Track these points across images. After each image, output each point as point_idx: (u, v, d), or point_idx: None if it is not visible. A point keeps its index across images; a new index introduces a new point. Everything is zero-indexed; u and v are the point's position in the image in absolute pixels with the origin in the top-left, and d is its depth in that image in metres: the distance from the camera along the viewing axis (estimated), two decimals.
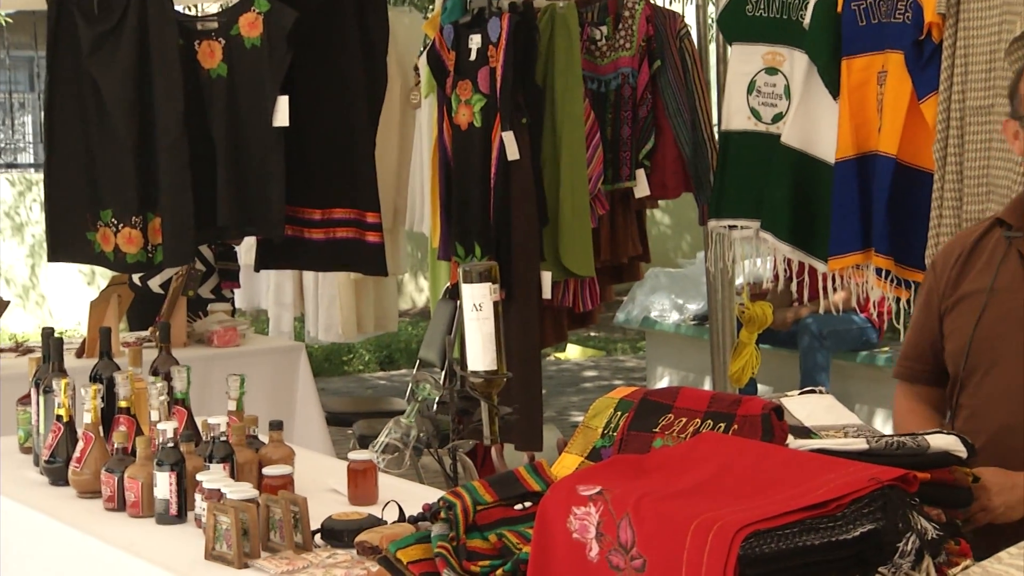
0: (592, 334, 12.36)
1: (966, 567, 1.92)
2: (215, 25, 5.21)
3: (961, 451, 2.25)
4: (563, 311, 5.79)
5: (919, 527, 1.94)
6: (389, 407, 6.63)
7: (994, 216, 3.09)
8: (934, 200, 4.57)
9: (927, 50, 4.61)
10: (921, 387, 3.16)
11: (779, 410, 2.37)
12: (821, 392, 2.89)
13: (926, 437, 2.27)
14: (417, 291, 13.76)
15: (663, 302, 8.87)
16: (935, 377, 3.11)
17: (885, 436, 2.34)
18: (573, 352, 12.11)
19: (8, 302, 6.05)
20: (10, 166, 14.44)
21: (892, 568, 1.90)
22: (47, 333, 4.05)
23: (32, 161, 14.89)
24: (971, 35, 4.48)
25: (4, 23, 12.89)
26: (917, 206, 4.65)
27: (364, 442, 5.45)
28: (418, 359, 6.39)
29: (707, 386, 6.89)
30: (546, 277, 5.52)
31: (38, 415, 3.91)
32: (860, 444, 2.26)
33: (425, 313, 11.54)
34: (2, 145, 14.73)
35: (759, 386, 7.00)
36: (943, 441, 2.26)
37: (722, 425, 2.35)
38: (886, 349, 7.48)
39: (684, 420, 2.39)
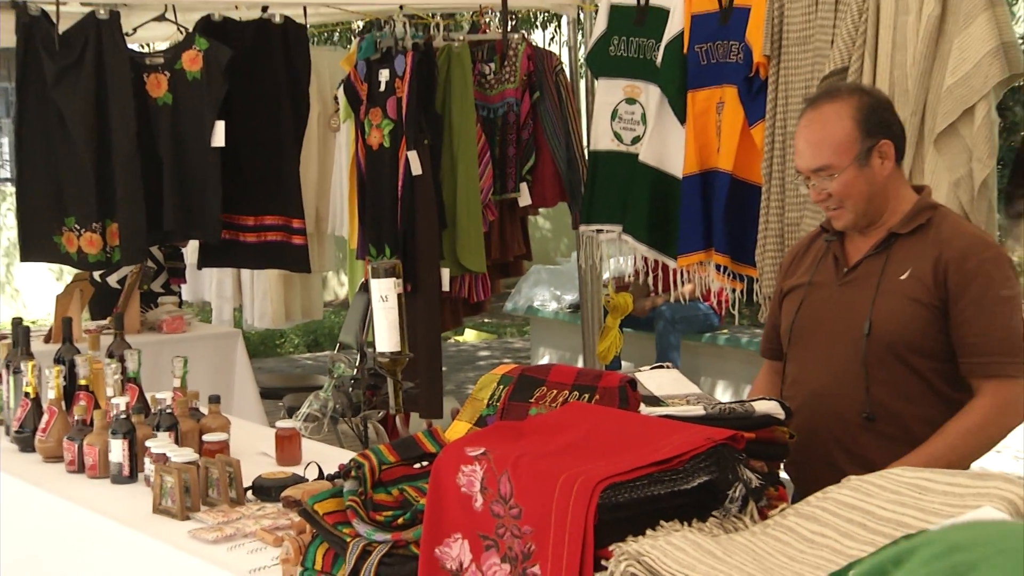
0: (486, 320, 12.36)
1: (782, 509, 1.95)
2: (161, 60, 5.16)
3: (780, 414, 2.28)
4: (459, 301, 5.79)
5: (745, 477, 1.96)
6: (315, 383, 6.57)
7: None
8: (762, 208, 4.64)
9: (755, 85, 4.67)
10: (775, 362, 3.19)
11: (633, 382, 2.39)
12: (668, 367, 2.92)
13: (752, 403, 2.30)
14: (339, 285, 13.68)
15: (544, 293, 8.90)
16: (772, 352, 3.18)
17: (719, 403, 2.36)
18: (470, 336, 12.12)
19: None
20: None
21: (723, 512, 1.92)
22: (16, 322, 4.02)
23: (8, 176, 14.61)
24: (790, 73, 4.55)
25: None
26: (749, 213, 4.72)
27: (293, 413, 5.42)
28: (339, 342, 6.35)
29: (580, 364, 6.93)
30: (445, 273, 5.53)
31: (8, 392, 3.88)
32: (698, 410, 2.28)
33: (346, 304, 11.49)
34: None
35: (623, 363, 7.05)
36: (766, 406, 2.29)
37: (586, 396, 2.36)
38: (725, 331, 7.57)
39: (555, 392, 2.40)
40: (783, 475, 2.52)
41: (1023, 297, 2.92)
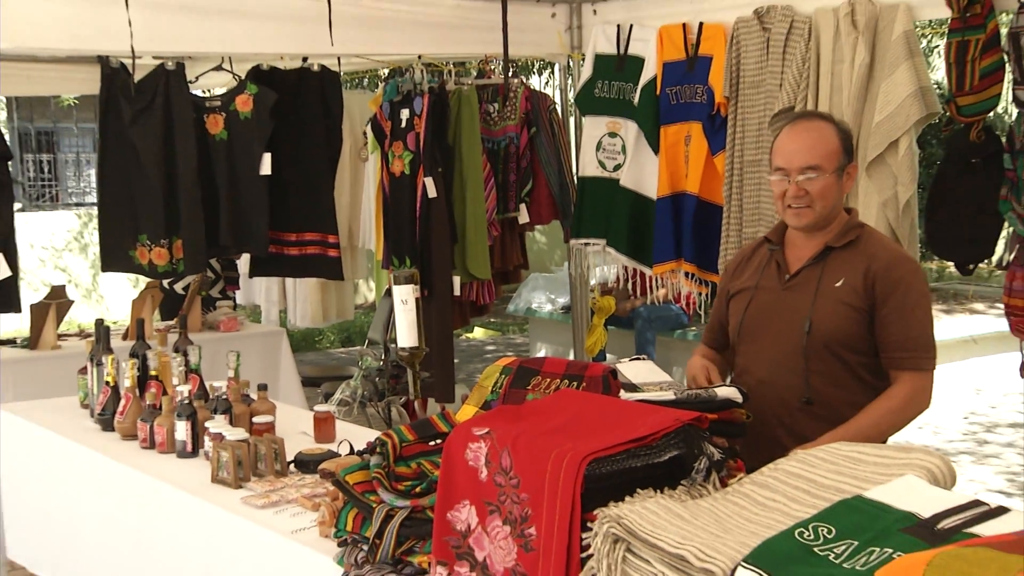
0: (491, 320, 12.35)
1: (740, 478, 1.94)
2: (219, 103, 5.16)
3: (739, 398, 2.28)
4: (468, 304, 5.78)
5: (709, 452, 1.96)
6: (347, 373, 6.56)
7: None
8: (723, 225, 4.64)
9: (717, 121, 4.68)
10: (711, 349, 3.21)
11: (614, 372, 2.39)
12: (644, 359, 2.91)
13: (715, 389, 2.30)
14: (368, 291, 13.65)
15: (540, 297, 8.90)
16: (720, 344, 3.17)
17: (688, 389, 2.36)
18: (477, 333, 12.11)
19: (72, 301, 5.94)
20: (78, 204, 14.21)
21: (690, 481, 1.92)
22: (98, 323, 4.03)
23: (94, 201, 14.65)
24: (746, 111, 4.55)
25: (73, 103, 12.76)
26: (712, 228, 4.72)
27: (328, 398, 5.41)
28: (368, 339, 6.34)
29: (571, 357, 6.92)
30: (456, 280, 5.50)
31: (92, 381, 3.90)
32: (669, 395, 2.28)
33: (373, 306, 11.48)
34: (72, 190, 14.48)
35: (607, 355, 7.04)
36: (726, 392, 2.28)
37: (575, 384, 2.36)
38: (693, 328, 7.56)
39: (548, 380, 2.40)
40: None
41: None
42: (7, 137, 5.90)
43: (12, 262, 4.99)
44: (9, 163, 5.10)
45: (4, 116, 13.40)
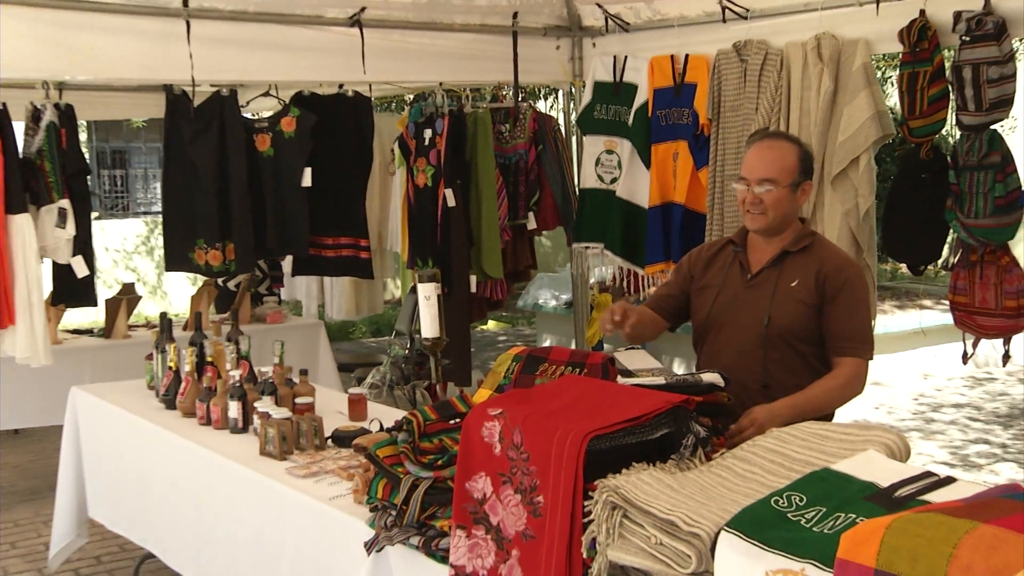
0: (503, 314, 12.32)
1: (722, 453, 1.93)
2: (266, 124, 5.16)
3: (721, 383, 2.26)
4: (483, 299, 5.77)
5: (695, 430, 1.94)
6: (377, 360, 6.55)
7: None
8: (707, 231, 4.63)
9: (701, 140, 4.67)
10: (650, 311, 3.11)
11: (612, 360, 2.37)
12: (638, 348, 2.90)
13: (700, 375, 2.28)
14: (395, 288, 13.62)
15: (546, 293, 8.88)
16: (658, 308, 3.09)
17: (676, 375, 2.34)
18: (492, 325, 12.09)
19: (140, 297, 5.95)
20: (146, 213, 14.26)
21: (679, 456, 1.91)
22: (162, 315, 4.03)
23: (160, 210, 14.64)
24: (726, 132, 4.53)
25: (142, 125, 12.82)
26: (697, 234, 4.71)
27: (361, 382, 5.40)
28: (395, 330, 6.32)
29: (573, 346, 6.90)
30: (472, 279, 5.50)
31: (157, 366, 3.91)
32: (660, 380, 2.27)
33: (399, 302, 11.47)
34: (140, 201, 14.52)
35: (605, 345, 7.00)
36: (711, 377, 2.27)
37: (578, 370, 2.34)
38: None
39: (554, 367, 2.39)
40: None
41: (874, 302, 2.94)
42: (86, 155, 5.91)
43: (90, 263, 5.00)
44: (88, 178, 5.11)
45: (84, 137, 13.45)
